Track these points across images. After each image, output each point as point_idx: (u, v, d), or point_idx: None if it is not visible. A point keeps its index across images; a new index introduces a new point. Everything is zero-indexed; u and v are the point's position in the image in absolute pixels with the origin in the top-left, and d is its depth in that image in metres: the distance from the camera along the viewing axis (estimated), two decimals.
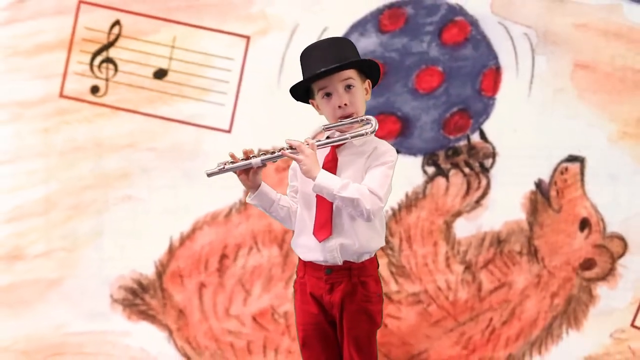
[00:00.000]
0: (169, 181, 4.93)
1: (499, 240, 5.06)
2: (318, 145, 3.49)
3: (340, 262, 3.51)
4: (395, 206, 5.07)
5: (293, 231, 3.68)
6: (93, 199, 5.11)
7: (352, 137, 3.48)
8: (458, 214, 5.07)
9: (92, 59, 5.09)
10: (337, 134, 3.54)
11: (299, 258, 3.62)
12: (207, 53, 5.08)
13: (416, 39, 5.05)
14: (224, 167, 3.50)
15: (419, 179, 5.06)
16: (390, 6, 5.06)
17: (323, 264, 3.53)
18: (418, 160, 5.06)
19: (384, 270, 5.01)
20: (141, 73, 5.09)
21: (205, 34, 5.06)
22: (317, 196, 3.51)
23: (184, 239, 5.08)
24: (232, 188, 3.79)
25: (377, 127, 3.49)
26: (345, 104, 3.50)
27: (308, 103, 3.66)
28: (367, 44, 5.05)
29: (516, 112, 5.05)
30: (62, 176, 5.10)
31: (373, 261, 3.58)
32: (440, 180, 5.06)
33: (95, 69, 5.09)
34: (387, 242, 5.06)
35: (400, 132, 5.08)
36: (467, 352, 5.07)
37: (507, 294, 5.06)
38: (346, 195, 3.37)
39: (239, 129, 5.06)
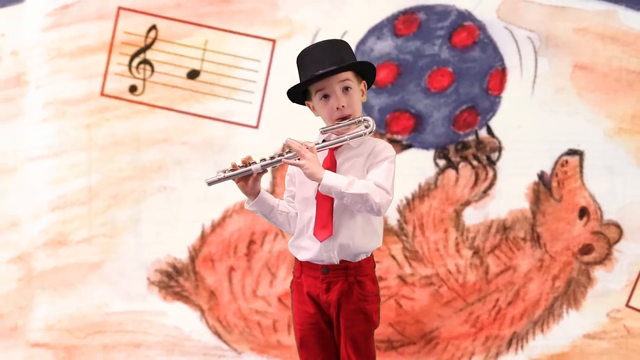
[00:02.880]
0: (201, 173, 4.84)
1: (504, 227, 5.06)
2: (318, 148, 3.38)
3: (336, 262, 3.40)
4: (409, 196, 5.06)
5: None
6: (131, 189, 5.12)
7: (350, 139, 3.37)
8: (467, 203, 5.06)
9: (131, 60, 5.11)
10: (335, 136, 3.43)
11: (296, 259, 3.51)
12: (236, 55, 5.08)
13: (428, 42, 5.05)
14: (224, 175, 3.40)
15: (431, 171, 5.05)
16: (404, 12, 5.06)
17: (320, 263, 3.43)
18: (430, 153, 5.06)
19: (399, 254, 5.04)
20: (175, 73, 5.10)
21: (235, 37, 5.08)
22: (317, 197, 3.41)
23: (215, 226, 5.08)
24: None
25: (374, 128, 3.37)
26: (343, 106, 3.39)
27: (304, 105, 3.56)
28: (383, 47, 5.05)
29: (520, 110, 5.04)
30: (102, 168, 5.12)
31: (370, 261, 3.47)
32: (451, 172, 5.06)
33: (134, 69, 5.11)
34: (401, 228, 5.06)
35: (413, 128, 5.06)
36: (475, 330, 5.05)
37: (512, 276, 5.05)
38: (355, 191, 3.27)
39: (266, 125, 5.06)
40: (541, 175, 5.05)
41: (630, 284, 5.03)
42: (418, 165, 5.07)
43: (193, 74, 5.11)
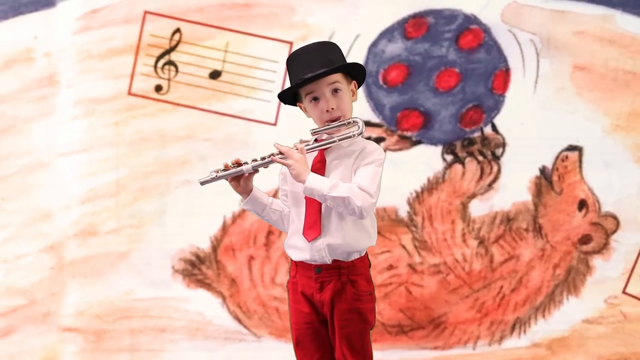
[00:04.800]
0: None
1: (508, 219, 5.10)
2: (307, 150, 3.29)
3: (329, 261, 3.31)
4: (419, 189, 5.10)
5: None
6: (157, 183, 5.15)
7: (340, 140, 3.28)
8: (473, 195, 5.11)
9: (156, 61, 5.14)
10: (325, 136, 3.34)
11: (291, 259, 3.43)
12: (255, 56, 5.12)
13: (436, 44, 5.10)
14: (216, 175, 3.35)
15: (439, 165, 5.11)
16: (414, 16, 5.10)
17: (313, 263, 3.34)
18: (438, 149, 5.11)
19: (409, 244, 5.08)
20: (198, 74, 5.14)
21: (254, 40, 5.12)
22: (307, 197, 3.31)
23: (236, 218, 5.11)
24: (276, 174, 3.57)
25: (364, 129, 3.28)
26: (333, 108, 3.31)
27: (296, 106, 3.47)
28: (394, 49, 5.09)
29: (523, 108, 5.09)
30: (130, 163, 5.14)
31: (363, 260, 3.37)
32: (458, 167, 5.11)
33: (159, 70, 5.14)
34: (411, 219, 5.09)
35: (422, 125, 5.11)
36: (480, 316, 5.11)
37: (515, 265, 5.11)
38: (336, 194, 3.18)
39: (283, 122, 5.08)
40: (543, 170, 5.11)
41: (626, 272, 5.10)
42: (427, 160, 5.12)
43: (215, 74, 5.14)
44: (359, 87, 3.45)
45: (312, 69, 3.28)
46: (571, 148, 5.13)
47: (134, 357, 5.19)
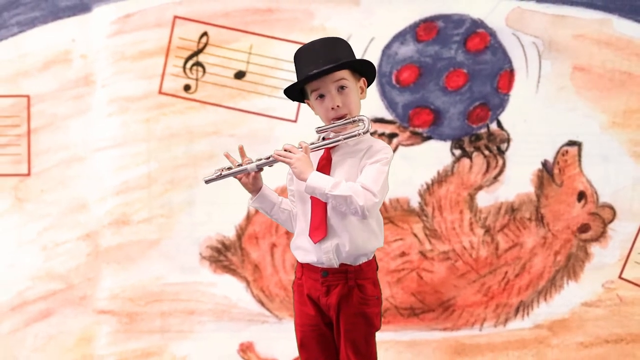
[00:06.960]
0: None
1: (512, 209, 5.17)
2: (312, 148, 3.18)
3: (336, 265, 3.19)
4: (429, 181, 5.18)
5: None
6: (185, 176, 5.22)
7: (345, 138, 3.15)
8: (479, 187, 5.18)
9: (185, 63, 5.22)
10: (331, 134, 3.23)
11: (297, 260, 3.32)
12: (277, 58, 5.18)
13: (446, 46, 5.17)
14: (220, 174, 3.29)
15: (448, 159, 5.19)
16: (425, 20, 5.18)
17: (319, 266, 3.22)
18: (447, 144, 5.19)
19: (420, 232, 5.14)
20: (224, 74, 5.21)
21: (276, 42, 5.18)
22: (312, 197, 3.18)
23: None
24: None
25: (370, 127, 3.14)
26: (338, 106, 3.17)
27: (303, 102, 3.37)
28: (406, 51, 5.17)
29: (526, 106, 5.16)
30: (160, 157, 5.22)
31: (371, 263, 3.26)
32: (465, 161, 5.19)
33: (188, 71, 5.22)
34: (422, 210, 5.13)
35: (433, 122, 5.19)
36: (486, 299, 5.18)
37: (519, 252, 5.18)
38: (338, 193, 3.05)
39: (303, 119, 5.13)
40: (544, 164, 5.19)
41: (622, 259, 5.19)
42: (437, 154, 5.20)
43: (240, 75, 5.22)
44: (369, 84, 3.30)
45: (318, 65, 3.15)
46: (571, 143, 5.20)
47: (164, 337, 5.27)
